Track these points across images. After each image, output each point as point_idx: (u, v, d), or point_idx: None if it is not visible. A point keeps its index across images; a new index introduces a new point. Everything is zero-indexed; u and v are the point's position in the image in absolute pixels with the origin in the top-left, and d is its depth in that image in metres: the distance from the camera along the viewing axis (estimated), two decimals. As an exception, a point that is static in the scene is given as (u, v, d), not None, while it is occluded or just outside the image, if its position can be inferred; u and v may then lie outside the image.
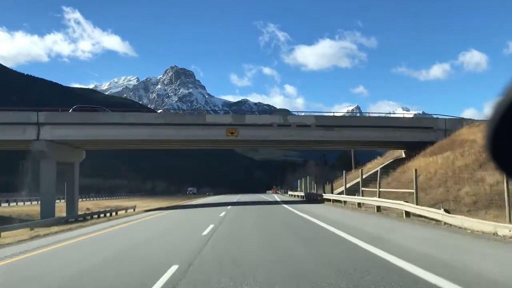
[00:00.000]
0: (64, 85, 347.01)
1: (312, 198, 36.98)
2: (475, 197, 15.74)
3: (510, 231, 9.29)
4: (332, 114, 50.40)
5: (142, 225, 19.29)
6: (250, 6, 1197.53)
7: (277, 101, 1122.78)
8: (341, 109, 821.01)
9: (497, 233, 9.73)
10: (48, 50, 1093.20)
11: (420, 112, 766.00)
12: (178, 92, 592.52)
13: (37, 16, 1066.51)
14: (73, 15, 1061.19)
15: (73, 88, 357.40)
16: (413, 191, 16.42)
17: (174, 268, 7.03)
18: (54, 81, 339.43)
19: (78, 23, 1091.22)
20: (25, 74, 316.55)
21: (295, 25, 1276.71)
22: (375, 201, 19.81)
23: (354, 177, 30.90)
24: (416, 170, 17.32)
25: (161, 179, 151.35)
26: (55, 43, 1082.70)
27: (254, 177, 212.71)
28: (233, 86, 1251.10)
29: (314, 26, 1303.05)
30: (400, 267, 6.45)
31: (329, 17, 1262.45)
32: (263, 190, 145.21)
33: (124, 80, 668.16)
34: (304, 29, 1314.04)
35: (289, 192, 61.16)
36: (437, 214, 13.07)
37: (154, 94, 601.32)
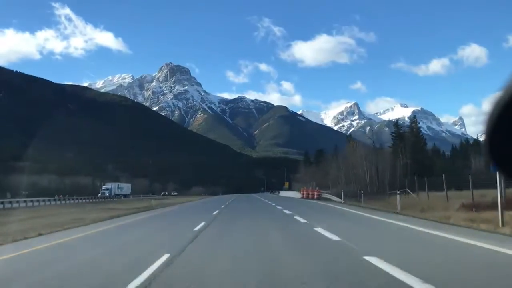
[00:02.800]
0: (55, 82, 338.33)
1: None
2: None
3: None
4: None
5: None
6: (243, 1, 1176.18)
7: (274, 98, 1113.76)
8: (339, 106, 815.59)
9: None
10: (40, 47, 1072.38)
11: (419, 108, 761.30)
12: (174, 89, 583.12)
13: (26, 13, 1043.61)
14: (62, 11, 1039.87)
15: (65, 85, 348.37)
16: None
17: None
18: (45, 78, 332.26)
19: (69, 19, 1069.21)
20: (14, 70, 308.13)
21: (290, 20, 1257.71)
22: None
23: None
24: None
25: (146, 177, 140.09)
26: (46, 40, 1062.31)
27: (252, 175, 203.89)
28: (229, 83, 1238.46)
29: (310, 20, 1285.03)
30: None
31: (326, 11, 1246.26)
32: (264, 189, 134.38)
33: (118, 78, 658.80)
34: (300, 24, 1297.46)
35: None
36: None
37: (149, 92, 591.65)
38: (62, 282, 5.98)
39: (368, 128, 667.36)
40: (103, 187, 78.08)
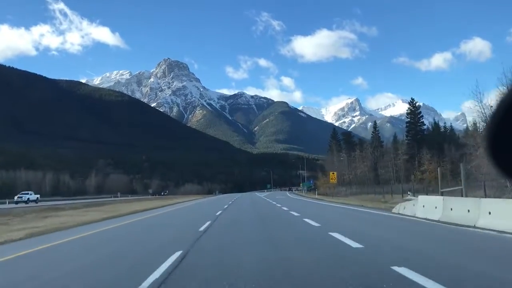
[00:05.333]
0: (49, 77, 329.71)
1: None
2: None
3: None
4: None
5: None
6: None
7: (274, 95, 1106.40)
8: (340, 102, 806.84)
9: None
10: (36, 43, 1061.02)
11: (420, 104, 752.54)
12: (172, 85, 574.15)
13: (20, 8, 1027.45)
14: (56, 5, 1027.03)
15: (59, 80, 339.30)
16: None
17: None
18: (39, 73, 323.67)
19: (64, 14, 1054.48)
20: (7, 66, 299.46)
21: (289, 14, 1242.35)
22: None
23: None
24: None
25: (140, 173, 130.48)
26: (42, 35, 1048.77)
27: (253, 171, 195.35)
28: (228, 78, 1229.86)
29: (309, 14, 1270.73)
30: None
31: (325, 4, 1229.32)
32: (271, 186, 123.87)
33: (116, 74, 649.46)
34: (299, 18, 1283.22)
35: None
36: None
37: (147, 88, 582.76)
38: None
39: (370, 124, 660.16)
40: None
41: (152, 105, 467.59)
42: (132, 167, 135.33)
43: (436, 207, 13.31)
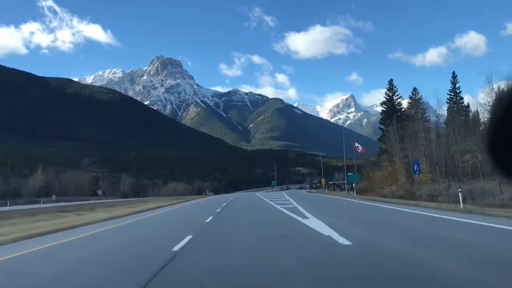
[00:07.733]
0: (38, 75, 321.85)
1: None
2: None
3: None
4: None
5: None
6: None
7: (268, 92, 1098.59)
8: (335, 99, 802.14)
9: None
10: (26, 41, 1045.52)
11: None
12: (165, 83, 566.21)
13: (8, 5, 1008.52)
14: (44, 2, 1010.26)
15: (48, 78, 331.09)
16: None
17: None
18: (27, 71, 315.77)
19: (53, 11, 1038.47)
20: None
21: (282, 9, 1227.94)
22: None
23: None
24: None
25: (130, 171, 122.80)
26: (32, 33, 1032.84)
27: (249, 169, 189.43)
28: (222, 76, 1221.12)
29: (302, 9, 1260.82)
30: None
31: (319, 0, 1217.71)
32: (275, 183, 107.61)
33: (109, 73, 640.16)
34: (292, 13, 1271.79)
35: None
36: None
37: (140, 86, 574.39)
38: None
39: (365, 120, 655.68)
40: None
41: (146, 103, 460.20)
42: (118, 165, 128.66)
43: None
